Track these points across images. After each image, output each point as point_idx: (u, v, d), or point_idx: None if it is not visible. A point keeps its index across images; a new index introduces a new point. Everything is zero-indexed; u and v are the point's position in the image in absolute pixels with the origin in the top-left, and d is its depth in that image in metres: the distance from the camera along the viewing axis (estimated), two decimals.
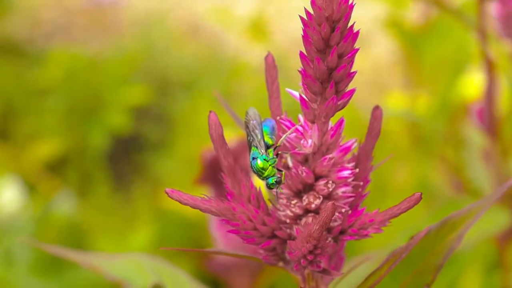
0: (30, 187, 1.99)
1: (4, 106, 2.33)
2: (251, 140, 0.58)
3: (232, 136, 1.19)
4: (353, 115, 1.95)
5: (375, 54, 2.75)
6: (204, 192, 0.58)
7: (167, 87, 2.52)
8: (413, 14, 2.18)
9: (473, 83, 1.89)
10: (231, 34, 2.80)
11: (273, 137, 0.58)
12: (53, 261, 1.62)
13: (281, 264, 0.61)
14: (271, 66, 0.58)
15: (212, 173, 1.10)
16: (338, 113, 0.55)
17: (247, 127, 0.58)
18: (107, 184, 2.10)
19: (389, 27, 2.01)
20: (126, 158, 2.39)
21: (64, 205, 1.86)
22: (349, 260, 0.74)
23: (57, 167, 2.17)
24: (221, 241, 1.17)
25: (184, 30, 3.05)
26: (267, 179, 0.56)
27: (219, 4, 3.02)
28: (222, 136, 0.57)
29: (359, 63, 2.82)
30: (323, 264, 0.59)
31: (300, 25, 0.52)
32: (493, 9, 1.08)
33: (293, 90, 0.56)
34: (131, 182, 2.26)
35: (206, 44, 2.95)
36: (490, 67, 1.11)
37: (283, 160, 0.58)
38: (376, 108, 0.57)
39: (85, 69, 2.22)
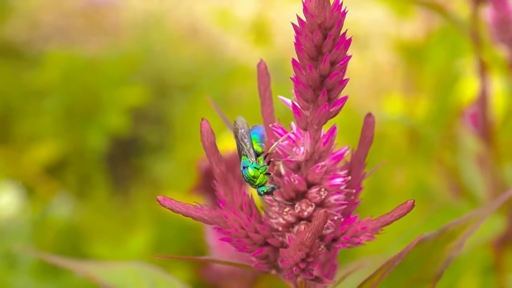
0: (29, 190, 1.99)
1: (2, 108, 2.33)
2: (241, 149, 0.57)
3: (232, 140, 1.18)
4: (352, 119, 1.94)
5: (374, 57, 2.74)
6: (201, 202, 0.57)
7: (165, 90, 2.52)
8: (416, 21, 2.18)
9: (471, 88, 1.89)
10: (230, 36, 2.80)
11: (263, 144, 0.58)
12: (53, 264, 1.61)
13: (273, 272, 0.60)
14: (263, 73, 0.58)
15: (208, 183, 1.09)
16: (336, 116, 0.55)
17: (236, 136, 0.58)
18: (106, 187, 2.10)
19: (392, 43, 2.01)
20: (125, 160, 2.39)
21: (63, 208, 1.86)
22: (343, 266, 0.73)
23: (55, 170, 2.16)
24: (217, 249, 1.16)
25: (182, 32, 3.04)
26: (259, 187, 0.56)
27: (217, 6, 3.02)
28: (215, 144, 0.57)
29: (358, 66, 2.82)
30: (315, 272, 0.58)
31: None
32: (487, 15, 1.07)
33: (286, 98, 0.56)
34: (129, 185, 2.25)
35: (205, 46, 2.95)
36: (483, 72, 1.11)
37: (276, 168, 0.58)
38: (369, 115, 0.57)
39: (83, 71, 2.22)
